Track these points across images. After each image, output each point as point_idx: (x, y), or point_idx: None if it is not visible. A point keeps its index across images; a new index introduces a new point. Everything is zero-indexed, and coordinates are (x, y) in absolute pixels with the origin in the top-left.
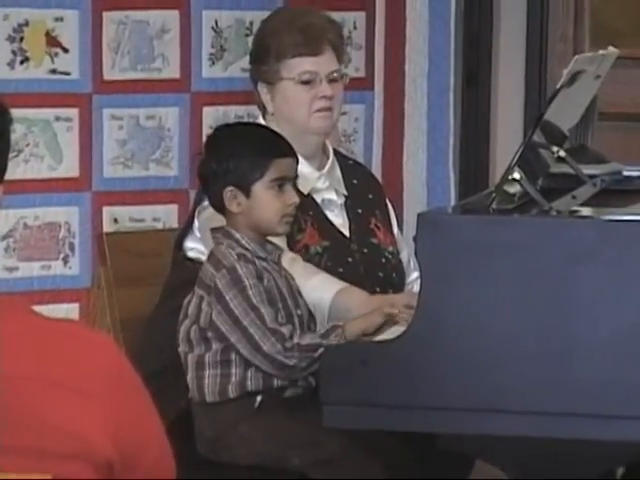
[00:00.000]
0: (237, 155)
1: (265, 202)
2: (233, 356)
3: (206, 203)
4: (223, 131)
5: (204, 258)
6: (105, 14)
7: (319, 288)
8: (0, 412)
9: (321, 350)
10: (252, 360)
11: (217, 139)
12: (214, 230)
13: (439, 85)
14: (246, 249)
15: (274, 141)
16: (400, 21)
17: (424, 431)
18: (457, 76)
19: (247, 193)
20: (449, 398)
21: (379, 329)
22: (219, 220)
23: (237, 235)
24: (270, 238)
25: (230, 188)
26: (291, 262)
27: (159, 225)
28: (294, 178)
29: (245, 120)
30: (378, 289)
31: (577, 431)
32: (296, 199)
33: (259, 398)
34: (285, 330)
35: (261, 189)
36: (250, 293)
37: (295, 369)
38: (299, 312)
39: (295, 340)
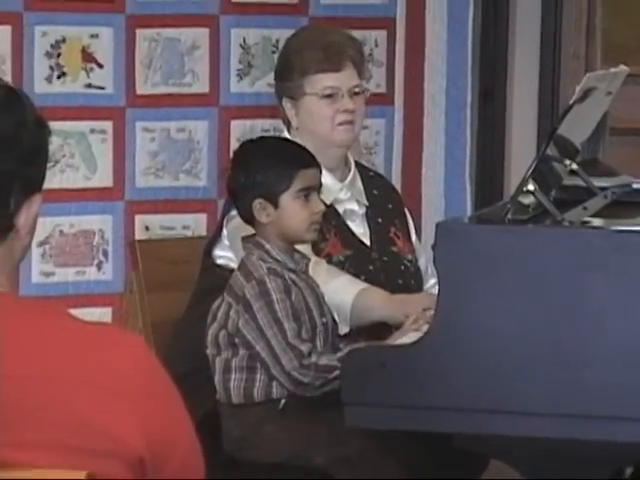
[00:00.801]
0: (264, 168)
1: (293, 211)
2: (258, 363)
3: (234, 212)
4: (249, 145)
5: (233, 265)
6: (138, 31)
7: (342, 289)
8: (37, 411)
9: (336, 372)
10: (272, 371)
11: (244, 153)
12: (245, 239)
13: (456, 101)
14: (276, 260)
15: (298, 153)
16: (420, 40)
17: (441, 431)
18: (474, 92)
19: (275, 204)
20: (465, 399)
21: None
22: (247, 229)
23: (267, 246)
24: (297, 247)
25: (259, 200)
26: (315, 265)
27: (188, 233)
28: (319, 187)
29: (271, 133)
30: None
31: (588, 432)
32: (322, 207)
33: (283, 400)
34: (304, 348)
35: (288, 199)
36: (277, 307)
37: (309, 387)
38: (324, 320)
39: (313, 359)
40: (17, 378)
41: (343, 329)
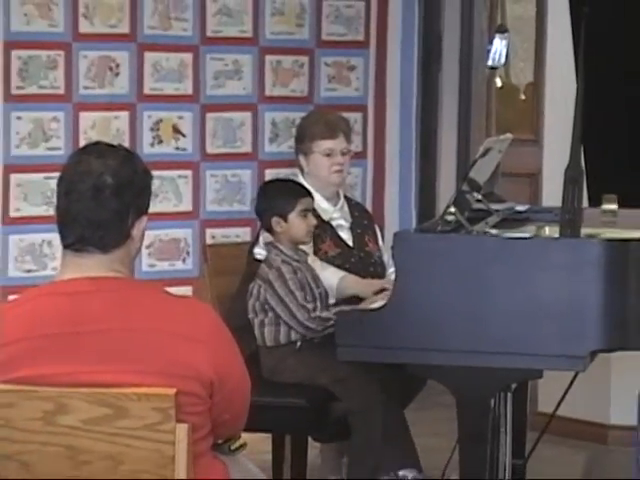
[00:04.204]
0: (279, 197)
1: (297, 225)
2: (281, 320)
3: None
4: (269, 184)
5: None
6: (208, 115)
7: (330, 276)
8: (145, 350)
9: (332, 322)
10: (289, 323)
11: (267, 189)
12: (266, 244)
13: (406, 157)
14: (286, 255)
15: (298, 188)
16: (382, 119)
17: (399, 362)
18: (417, 152)
19: (285, 219)
20: (413, 342)
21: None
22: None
23: (280, 246)
24: (301, 246)
25: (276, 218)
26: (314, 261)
27: (239, 240)
28: (312, 210)
29: (290, 177)
30: (369, 278)
31: (491, 362)
32: (314, 222)
33: (299, 343)
34: (310, 306)
35: (294, 217)
36: (289, 283)
37: (315, 330)
38: (319, 291)
39: (317, 313)
40: (132, 330)
41: (331, 300)
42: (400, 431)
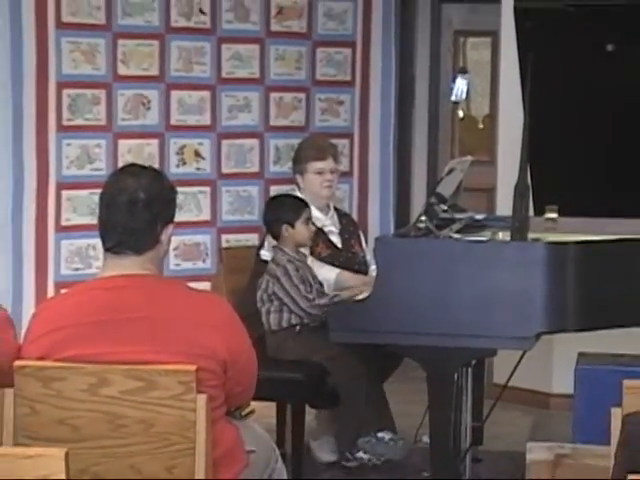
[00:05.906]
0: (287, 209)
1: (302, 230)
2: (285, 308)
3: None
4: (276, 199)
5: (269, 259)
6: (223, 141)
7: (328, 273)
8: (170, 334)
9: (327, 308)
10: (294, 310)
11: (274, 203)
12: (273, 247)
13: (385, 176)
14: (290, 256)
15: (299, 201)
16: (365, 145)
17: (380, 343)
18: (394, 171)
19: (293, 226)
20: (391, 327)
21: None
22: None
23: (285, 249)
24: (300, 249)
25: (285, 225)
26: (313, 261)
27: (249, 244)
28: (311, 219)
29: (290, 192)
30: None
31: (455, 342)
32: (314, 228)
33: (298, 327)
34: (310, 296)
35: (300, 224)
36: (293, 279)
37: (315, 316)
38: (316, 285)
39: (316, 301)
40: (161, 318)
41: (329, 292)
42: (379, 400)
